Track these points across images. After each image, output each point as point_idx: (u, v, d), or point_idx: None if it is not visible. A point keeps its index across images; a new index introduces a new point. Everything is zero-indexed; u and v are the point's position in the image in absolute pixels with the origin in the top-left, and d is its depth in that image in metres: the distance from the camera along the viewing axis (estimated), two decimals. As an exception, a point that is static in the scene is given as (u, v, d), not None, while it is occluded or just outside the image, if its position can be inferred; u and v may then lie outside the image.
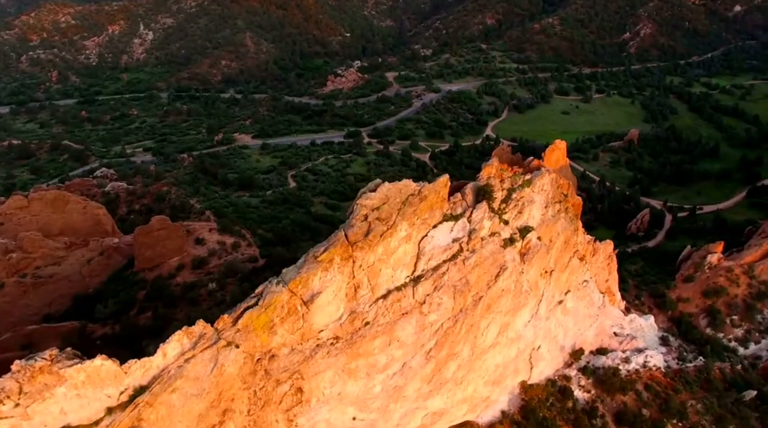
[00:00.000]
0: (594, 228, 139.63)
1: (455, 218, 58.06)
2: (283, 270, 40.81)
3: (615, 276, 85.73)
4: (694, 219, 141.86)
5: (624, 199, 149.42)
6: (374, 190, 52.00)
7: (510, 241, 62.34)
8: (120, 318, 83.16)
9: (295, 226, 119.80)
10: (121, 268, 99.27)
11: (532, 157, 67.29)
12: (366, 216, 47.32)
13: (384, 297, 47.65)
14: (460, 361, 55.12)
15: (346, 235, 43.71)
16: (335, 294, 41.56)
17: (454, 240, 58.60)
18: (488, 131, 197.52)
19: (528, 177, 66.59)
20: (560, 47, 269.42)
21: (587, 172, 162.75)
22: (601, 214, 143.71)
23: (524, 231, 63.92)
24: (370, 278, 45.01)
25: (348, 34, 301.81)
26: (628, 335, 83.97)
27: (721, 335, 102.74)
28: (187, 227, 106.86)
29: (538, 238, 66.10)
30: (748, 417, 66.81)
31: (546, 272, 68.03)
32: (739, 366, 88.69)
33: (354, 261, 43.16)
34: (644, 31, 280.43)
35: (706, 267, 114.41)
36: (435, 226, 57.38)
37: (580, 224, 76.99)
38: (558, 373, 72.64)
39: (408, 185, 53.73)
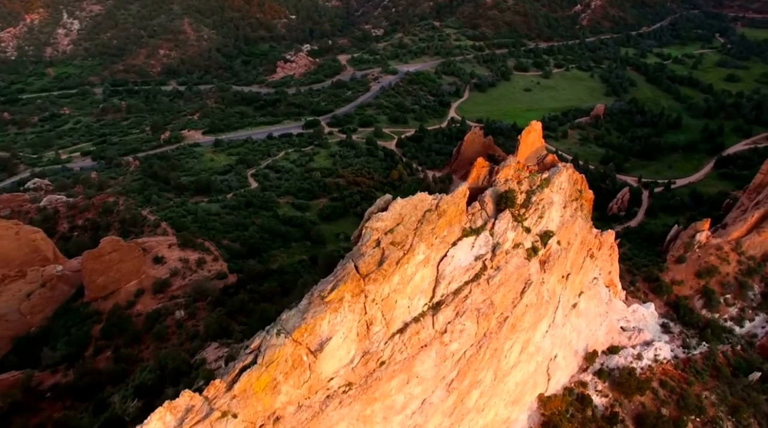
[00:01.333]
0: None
1: (476, 232, 49.83)
2: (283, 317, 34.96)
3: (617, 266, 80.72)
4: (671, 195, 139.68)
5: (600, 178, 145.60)
6: (385, 209, 42.44)
7: (533, 251, 54.81)
8: (73, 362, 71.22)
9: (264, 233, 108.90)
10: (69, 300, 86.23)
11: (546, 153, 59.64)
12: (378, 242, 40.58)
13: (401, 331, 41.66)
14: (483, 388, 50.54)
15: (356, 267, 37.31)
16: (345, 336, 35.99)
17: (477, 258, 50.30)
18: (452, 113, 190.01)
19: (546, 175, 58.81)
20: (514, 22, 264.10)
21: (559, 152, 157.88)
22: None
23: (545, 237, 56.44)
24: (384, 312, 39.06)
25: (293, 16, 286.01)
26: (634, 328, 79.99)
27: (716, 315, 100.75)
28: (143, 245, 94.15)
29: (558, 243, 58.78)
30: (759, 404, 66.46)
31: (563, 277, 61.09)
32: (738, 347, 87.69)
33: (366, 296, 37.20)
34: (595, 3, 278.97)
35: (695, 246, 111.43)
36: (454, 244, 48.95)
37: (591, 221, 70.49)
38: (574, 379, 67.42)
39: (424, 200, 44.95)
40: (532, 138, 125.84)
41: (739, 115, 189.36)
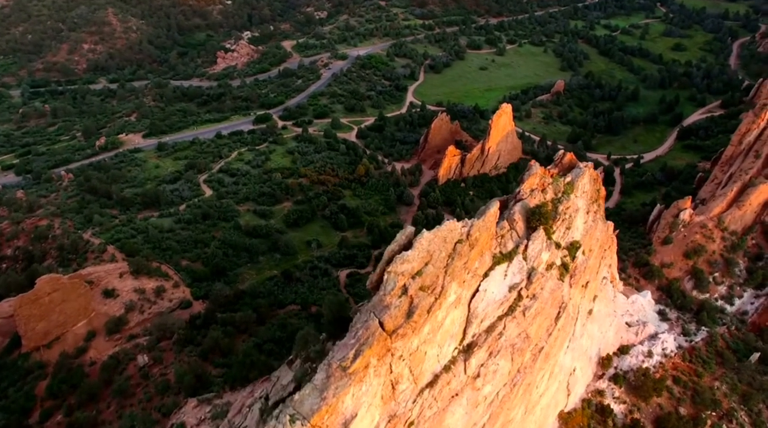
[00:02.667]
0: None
1: (508, 257, 42.34)
2: (296, 397, 29.32)
3: (615, 258, 76.12)
4: (643, 171, 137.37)
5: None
6: (410, 247, 33.34)
7: (564, 269, 47.63)
8: (15, 432, 59.42)
9: (226, 248, 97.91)
10: (2, 353, 73.26)
11: (563, 151, 52.46)
12: (405, 289, 33.95)
13: (430, 384, 35.90)
14: (514, 425, 46.27)
15: (381, 324, 31.44)
16: (370, 405, 30.76)
17: (511, 288, 43.05)
18: (410, 97, 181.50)
19: (568, 179, 51.48)
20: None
21: (525, 133, 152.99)
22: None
23: (573, 249, 49.51)
24: (412, 367, 33.83)
25: (229, 2, 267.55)
26: (638, 321, 76.28)
27: (707, 296, 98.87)
28: (89, 276, 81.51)
29: (582, 252, 52.05)
30: (767, 387, 66.00)
31: (583, 286, 54.67)
32: (733, 327, 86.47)
33: (393, 354, 31.88)
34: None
35: (680, 225, 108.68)
36: (486, 275, 41.09)
37: (603, 220, 64.71)
38: (590, 389, 62.58)
39: (453, 230, 37.10)
40: (503, 121, 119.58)
41: (692, 85, 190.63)
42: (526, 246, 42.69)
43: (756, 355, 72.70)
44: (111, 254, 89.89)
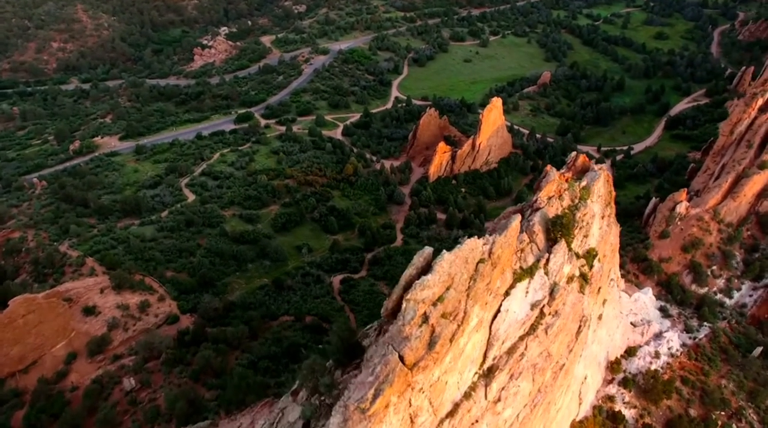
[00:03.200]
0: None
1: (529, 273, 39.33)
2: None
3: (617, 256, 74.05)
4: (634, 163, 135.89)
5: (561, 151, 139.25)
6: (429, 271, 29.80)
7: (584, 280, 44.77)
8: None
9: (213, 257, 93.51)
10: (-25, 382, 68.19)
11: (576, 153, 49.42)
12: (426, 317, 31.20)
13: (450, 414, 33.42)
14: None
15: (401, 357, 28.79)
16: None
17: (533, 306, 39.60)
18: (395, 92, 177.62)
19: (584, 183, 48.45)
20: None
21: (514, 126, 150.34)
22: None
23: (590, 257, 46.77)
24: (432, 399, 31.32)
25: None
26: (642, 320, 74.67)
27: (706, 289, 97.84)
28: (67, 293, 76.69)
29: (598, 260, 49.32)
30: (774, 384, 61.60)
31: (596, 292, 52.06)
32: (734, 321, 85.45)
33: (413, 388, 29.49)
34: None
35: (677, 219, 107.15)
36: (507, 293, 37.70)
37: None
38: (600, 394, 60.70)
39: (474, 249, 34.05)
40: (494, 116, 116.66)
41: (676, 74, 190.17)
42: (548, 260, 39.67)
43: (759, 350, 71.78)
44: (90, 267, 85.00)
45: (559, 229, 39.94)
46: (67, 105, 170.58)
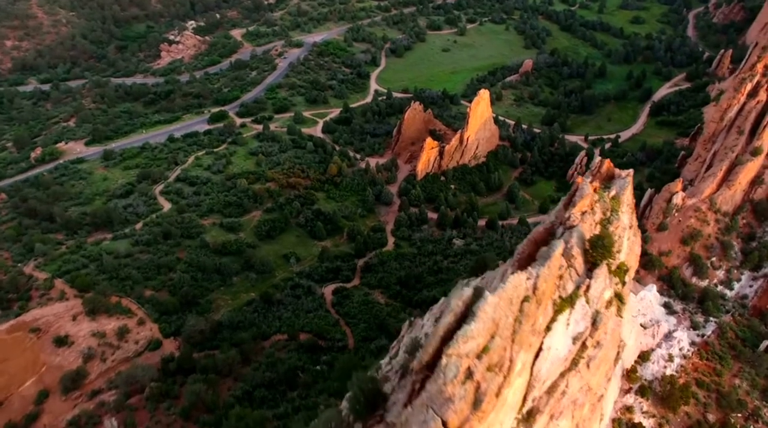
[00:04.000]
0: (534, 183, 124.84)
1: (569, 302, 34.98)
2: None
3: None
4: (623, 151, 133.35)
5: (549, 141, 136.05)
6: (471, 318, 24.61)
7: (620, 300, 40.72)
8: None
9: (195, 271, 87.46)
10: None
11: (600, 158, 45.17)
12: (470, 373, 26.64)
13: None
14: None
15: (444, 423, 24.14)
16: None
17: (575, 340, 35.01)
18: (374, 85, 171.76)
19: (613, 193, 44.23)
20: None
21: (499, 117, 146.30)
22: (533, 165, 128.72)
23: (621, 273, 42.47)
24: None
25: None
26: (651, 321, 71.98)
27: (706, 282, 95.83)
28: (35, 323, 70.07)
29: (629, 275, 45.28)
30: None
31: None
32: (737, 314, 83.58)
33: None
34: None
35: (674, 210, 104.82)
36: (548, 328, 32.88)
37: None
38: (618, 406, 57.35)
39: (518, 286, 30.28)
40: (481, 109, 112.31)
41: (655, 58, 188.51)
42: (588, 286, 35.30)
43: (765, 343, 70.13)
44: (60, 291, 78.21)
45: (600, 252, 35.54)
46: (25, 108, 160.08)
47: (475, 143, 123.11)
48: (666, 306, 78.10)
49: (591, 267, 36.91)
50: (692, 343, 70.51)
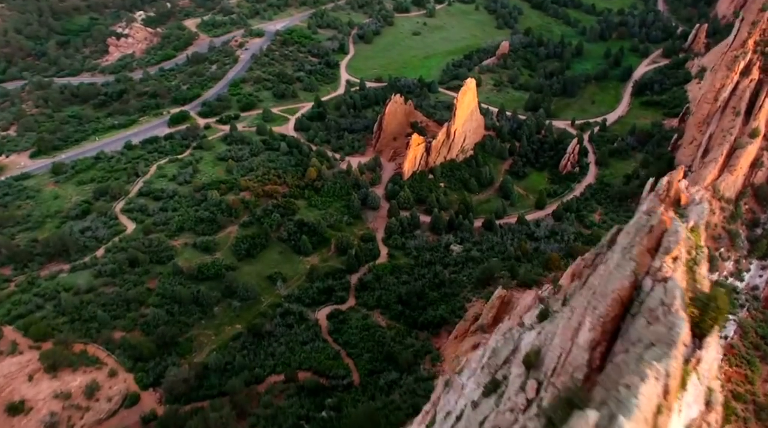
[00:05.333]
0: (525, 176, 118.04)
1: (681, 383, 26.04)
2: None
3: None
4: (613, 136, 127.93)
5: (536, 129, 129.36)
6: None
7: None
8: None
9: (171, 304, 77.43)
10: None
11: (668, 180, 37.75)
12: None
13: None
14: None
15: None
16: None
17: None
18: (344, 75, 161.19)
19: (692, 223, 36.53)
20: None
21: (481, 104, 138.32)
22: (523, 155, 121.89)
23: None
24: None
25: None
26: None
27: (716, 275, 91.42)
28: (-17, 390, 59.12)
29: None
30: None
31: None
32: (752, 309, 79.14)
33: None
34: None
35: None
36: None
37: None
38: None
39: (651, 399, 20.91)
40: (468, 99, 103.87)
41: (630, 35, 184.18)
42: (699, 359, 27.90)
43: (786, 340, 66.87)
44: (10, 342, 67.07)
45: (712, 315, 28.04)
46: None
47: (463, 136, 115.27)
48: (683, 307, 72.38)
49: (697, 331, 29.44)
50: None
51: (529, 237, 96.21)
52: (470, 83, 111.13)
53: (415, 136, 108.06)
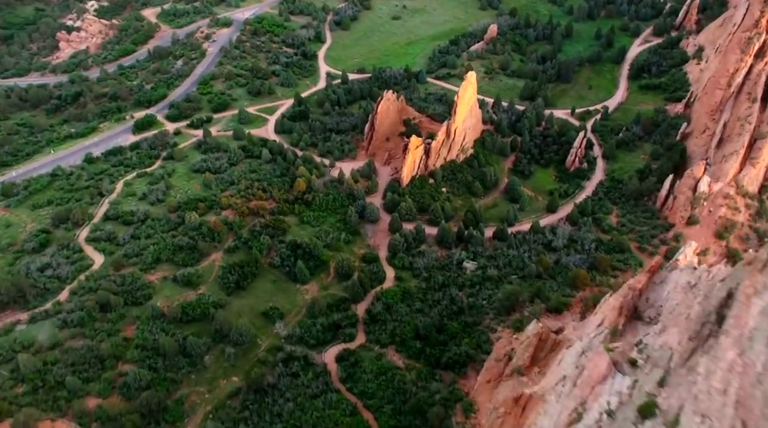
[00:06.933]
0: (531, 174, 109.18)
1: None
2: None
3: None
4: (618, 127, 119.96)
5: (537, 121, 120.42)
6: None
7: None
8: None
9: (153, 357, 66.39)
10: None
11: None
12: None
13: None
14: None
15: None
16: None
17: None
18: (323, 66, 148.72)
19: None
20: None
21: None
22: (526, 152, 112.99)
23: None
24: None
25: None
26: None
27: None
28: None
29: None
30: None
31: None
32: None
33: None
34: None
35: (702, 200, 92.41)
36: None
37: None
38: None
39: None
40: (469, 94, 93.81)
41: (619, 13, 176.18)
42: None
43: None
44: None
45: None
46: None
47: (463, 134, 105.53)
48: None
49: None
50: None
51: (547, 248, 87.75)
52: (471, 77, 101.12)
53: (413, 138, 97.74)
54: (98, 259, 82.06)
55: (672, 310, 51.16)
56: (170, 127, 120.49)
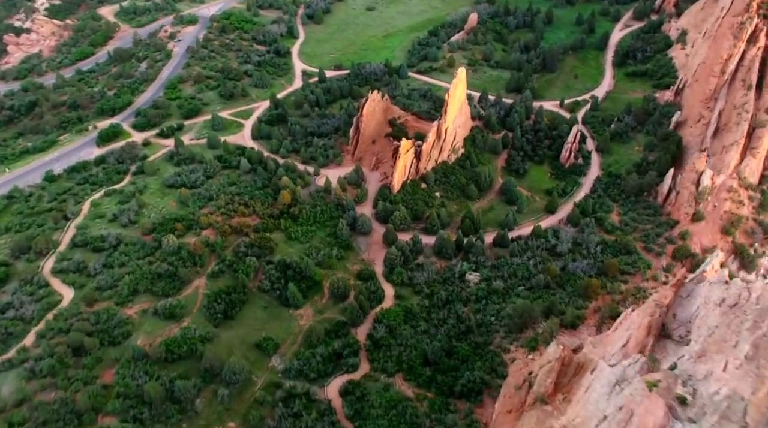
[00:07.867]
0: (525, 172, 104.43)
1: None
2: None
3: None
4: (609, 117, 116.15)
5: (526, 114, 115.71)
6: None
7: None
8: None
9: (138, 406, 59.81)
10: None
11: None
12: None
13: None
14: None
15: None
16: None
17: None
18: (298, 64, 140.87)
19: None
20: None
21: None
22: (519, 148, 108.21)
23: None
24: None
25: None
26: None
27: (755, 274, 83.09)
28: None
29: None
30: None
31: None
32: None
33: None
34: None
35: (706, 195, 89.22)
36: None
37: None
38: None
39: None
40: (460, 92, 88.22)
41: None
42: None
43: None
44: None
45: None
46: None
47: (453, 133, 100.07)
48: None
49: None
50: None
51: (551, 253, 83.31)
52: (461, 74, 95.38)
53: (404, 141, 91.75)
54: (67, 294, 74.18)
55: (711, 333, 46.75)
56: (138, 137, 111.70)
